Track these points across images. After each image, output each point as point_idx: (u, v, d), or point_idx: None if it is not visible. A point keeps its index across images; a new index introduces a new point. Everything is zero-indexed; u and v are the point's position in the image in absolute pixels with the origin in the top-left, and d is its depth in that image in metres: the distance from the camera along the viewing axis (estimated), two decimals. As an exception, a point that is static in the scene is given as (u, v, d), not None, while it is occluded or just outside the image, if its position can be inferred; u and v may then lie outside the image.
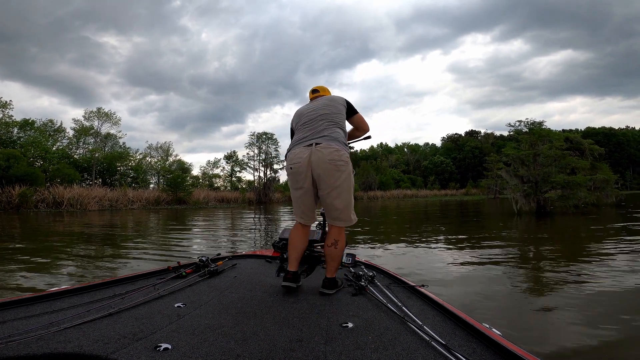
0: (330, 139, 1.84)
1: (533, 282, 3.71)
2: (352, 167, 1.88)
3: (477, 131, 68.43)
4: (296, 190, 1.91)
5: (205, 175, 40.59)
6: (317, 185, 1.85)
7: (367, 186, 45.45)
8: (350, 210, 1.86)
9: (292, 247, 1.92)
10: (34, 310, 1.38)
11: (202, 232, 9.35)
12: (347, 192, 1.83)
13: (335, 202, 1.82)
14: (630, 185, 58.30)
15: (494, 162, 20.44)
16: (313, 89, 2.20)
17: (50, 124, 30.19)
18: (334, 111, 1.97)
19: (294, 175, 1.87)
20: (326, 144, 1.81)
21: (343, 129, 1.97)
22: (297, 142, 1.91)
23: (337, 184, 1.79)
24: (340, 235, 1.86)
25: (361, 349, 1.12)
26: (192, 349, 1.09)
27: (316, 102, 2.05)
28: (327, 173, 1.78)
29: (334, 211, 1.84)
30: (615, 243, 5.98)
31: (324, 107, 1.97)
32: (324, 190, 1.83)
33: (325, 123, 1.91)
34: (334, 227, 1.87)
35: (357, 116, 2.11)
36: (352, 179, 1.87)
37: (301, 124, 1.97)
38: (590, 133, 55.49)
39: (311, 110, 1.98)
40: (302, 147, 1.85)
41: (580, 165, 14.20)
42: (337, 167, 1.78)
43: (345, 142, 1.92)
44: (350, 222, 1.87)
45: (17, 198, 18.40)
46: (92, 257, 5.33)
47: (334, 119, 1.94)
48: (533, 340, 2.23)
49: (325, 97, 2.09)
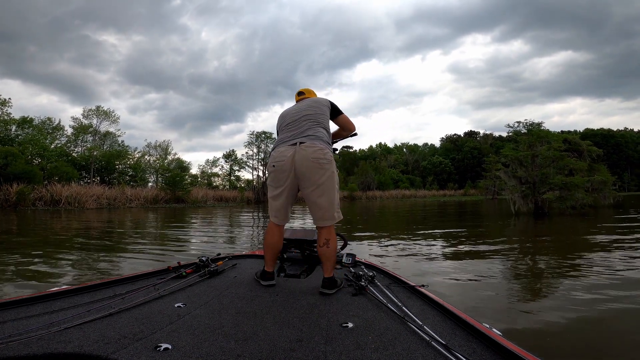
0: (314, 138, 1.87)
1: (532, 282, 3.73)
2: (335, 166, 1.91)
3: (476, 132, 68.61)
4: (276, 188, 1.93)
5: (204, 174, 40.54)
6: (299, 184, 1.88)
7: (366, 186, 45.49)
8: (334, 208, 1.88)
9: (267, 247, 1.97)
10: (34, 310, 1.37)
11: (201, 231, 9.34)
12: (330, 190, 1.85)
13: (319, 200, 1.84)
14: (628, 187, 58.50)
15: (492, 163, 20.51)
16: (299, 92, 2.24)
17: (49, 122, 30.12)
18: (318, 112, 2.01)
19: (277, 173, 1.90)
20: (310, 143, 1.84)
21: (327, 129, 2.01)
22: (281, 142, 1.94)
23: (320, 181, 1.82)
24: (331, 234, 1.87)
25: (361, 349, 1.12)
26: (192, 349, 1.09)
27: (300, 103, 2.09)
28: (311, 171, 1.81)
29: (318, 210, 1.86)
30: (613, 243, 6.00)
31: (307, 108, 2.02)
32: (307, 188, 1.85)
33: (309, 123, 1.95)
34: (322, 227, 1.88)
35: (342, 116, 2.15)
36: (335, 178, 1.89)
37: (285, 124, 2.00)
38: (588, 134, 55.54)
39: (295, 112, 2.02)
40: (286, 146, 1.88)
41: (579, 167, 14.23)
42: (321, 165, 1.82)
43: (329, 141, 1.96)
44: (334, 220, 1.88)
45: (15, 196, 18.33)
46: (90, 256, 5.32)
47: (317, 119, 1.98)
48: (533, 340, 2.24)
49: (309, 98, 2.14)
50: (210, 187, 35.67)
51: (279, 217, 1.97)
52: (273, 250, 1.97)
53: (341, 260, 2.35)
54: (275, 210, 1.96)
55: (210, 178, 40.19)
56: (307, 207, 1.93)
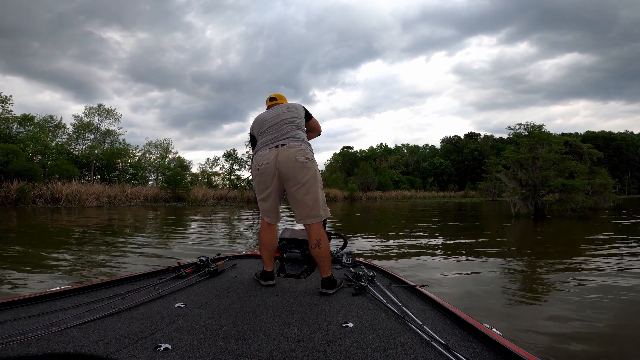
0: (295, 139, 1.96)
1: (532, 282, 3.73)
2: (317, 165, 1.98)
3: (476, 133, 68.59)
4: (264, 190, 1.98)
5: (204, 173, 40.51)
6: (284, 184, 1.93)
7: (366, 187, 45.49)
8: (320, 206, 1.92)
9: (262, 247, 2.04)
10: (34, 310, 1.37)
11: (201, 231, 9.34)
12: (315, 188, 1.90)
13: (305, 198, 1.88)
14: (628, 190, 58.50)
15: (492, 165, 20.50)
16: (270, 97, 2.30)
17: (51, 120, 30.14)
18: (296, 116, 2.08)
19: (262, 176, 1.95)
20: (291, 144, 1.92)
21: (304, 132, 2.10)
22: (263, 145, 1.99)
23: (304, 180, 1.88)
24: (321, 234, 1.90)
25: (361, 348, 1.12)
26: (192, 349, 1.09)
27: (276, 108, 2.14)
28: (295, 170, 1.87)
29: (304, 208, 1.89)
30: (611, 246, 6.00)
31: (286, 113, 2.08)
32: (292, 187, 1.90)
33: (289, 126, 2.01)
34: (312, 227, 1.90)
35: (312, 120, 2.25)
36: (318, 176, 1.95)
37: (265, 128, 2.05)
38: (589, 137, 55.56)
39: (273, 116, 2.07)
40: (269, 149, 1.94)
41: (579, 169, 14.23)
42: (303, 164, 1.88)
43: (309, 142, 2.05)
44: (321, 217, 1.92)
45: (15, 193, 18.34)
46: (90, 256, 5.32)
47: (296, 122, 2.06)
48: (533, 340, 2.24)
49: (285, 104, 2.21)
50: (211, 187, 35.65)
51: (271, 217, 2.04)
52: (268, 249, 2.02)
53: (341, 260, 2.35)
54: (267, 211, 2.02)
55: (210, 177, 40.16)
56: (292, 207, 1.96)
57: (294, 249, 2.48)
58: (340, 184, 43.32)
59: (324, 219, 1.95)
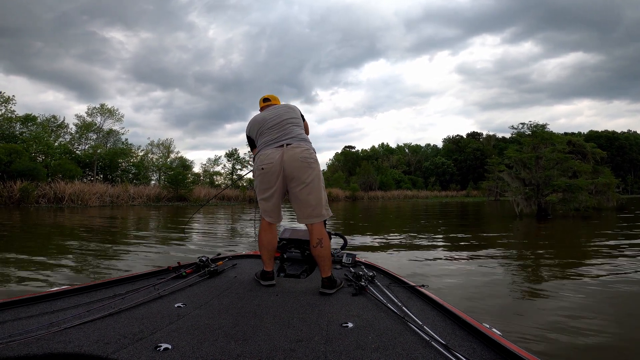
0: (299, 139, 1.97)
1: (533, 282, 3.71)
2: (319, 166, 1.99)
3: (479, 133, 68.39)
4: (267, 190, 1.98)
5: (206, 173, 40.57)
6: (288, 183, 1.93)
7: (368, 186, 45.42)
8: (322, 206, 1.93)
9: (261, 247, 2.03)
10: (34, 310, 1.38)
11: (201, 230, 9.36)
12: (318, 188, 1.92)
13: (309, 197, 1.89)
14: (631, 189, 58.14)
15: (495, 164, 20.40)
16: (264, 98, 2.30)
17: (53, 120, 30.27)
18: (295, 116, 2.09)
19: (266, 175, 1.94)
20: (297, 144, 1.92)
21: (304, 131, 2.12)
22: (267, 144, 1.98)
23: (308, 180, 1.89)
24: (323, 234, 1.90)
25: (361, 348, 1.12)
26: (192, 349, 1.09)
27: (275, 109, 2.14)
28: (300, 170, 1.87)
29: (307, 208, 1.90)
30: (614, 245, 5.97)
31: (287, 112, 2.09)
32: (296, 187, 1.90)
33: (291, 126, 2.02)
34: (314, 227, 1.91)
35: (305, 122, 2.26)
36: (321, 176, 1.97)
37: (266, 128, 2.05)
38: (592, 136, 55.22)
39: (274, 116, 2.07)
40: (273, 149, 1.93)
41: (583, 169, 14.16)
42: (309, 164, 1.90)
43: (311, 142, 2.05)
44: (323, 217, 1.93)
45: (18, 193, 18.44)
46: (91, 255, 5.34)
47: (297, 122, 2.07)
48: (533, 340, 2.23)
49: (283, 104, 2.21)
50: (213, 186, 35.72)
51: (273, 217, 2.03)
52: (268, 249, 2.01)
53: (341, 260, 2.35)
54: (269, 210, 2.01)
55: (212, 177, 40.22)
56: (293, 207, 1.96)
57: (294, 249, 2.48)
58: (342, 183, 43.29)
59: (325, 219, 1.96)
